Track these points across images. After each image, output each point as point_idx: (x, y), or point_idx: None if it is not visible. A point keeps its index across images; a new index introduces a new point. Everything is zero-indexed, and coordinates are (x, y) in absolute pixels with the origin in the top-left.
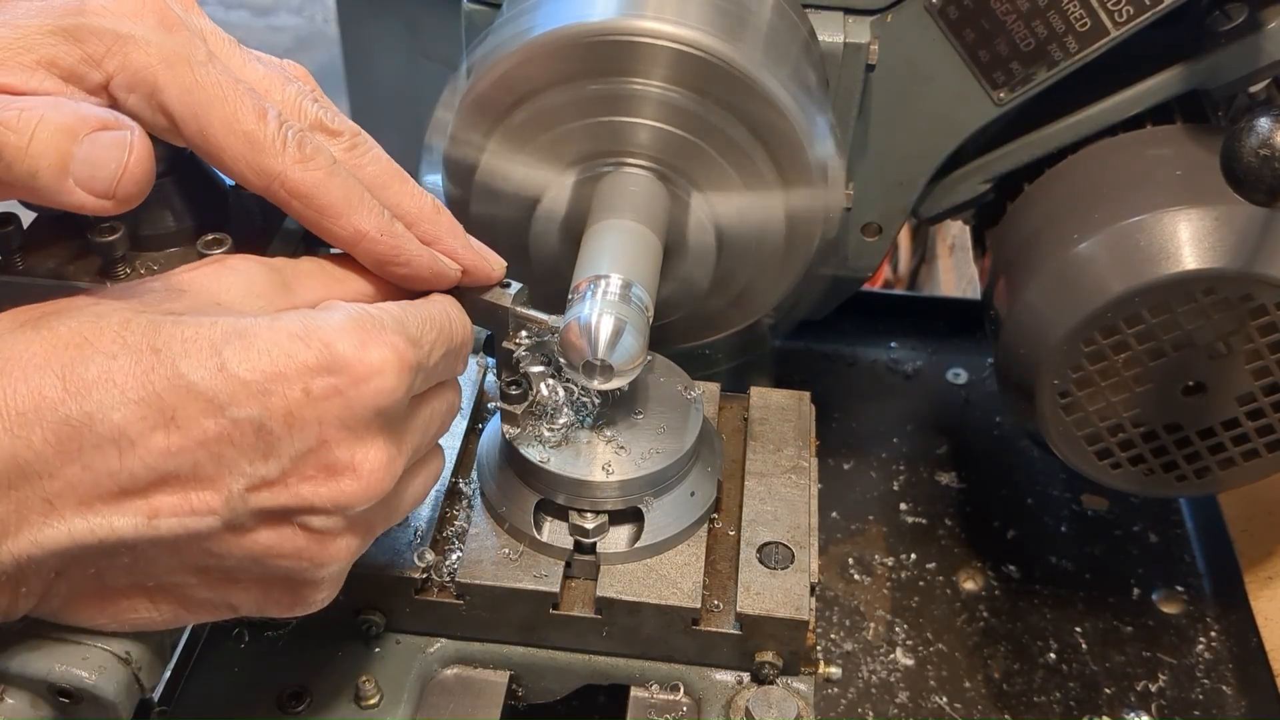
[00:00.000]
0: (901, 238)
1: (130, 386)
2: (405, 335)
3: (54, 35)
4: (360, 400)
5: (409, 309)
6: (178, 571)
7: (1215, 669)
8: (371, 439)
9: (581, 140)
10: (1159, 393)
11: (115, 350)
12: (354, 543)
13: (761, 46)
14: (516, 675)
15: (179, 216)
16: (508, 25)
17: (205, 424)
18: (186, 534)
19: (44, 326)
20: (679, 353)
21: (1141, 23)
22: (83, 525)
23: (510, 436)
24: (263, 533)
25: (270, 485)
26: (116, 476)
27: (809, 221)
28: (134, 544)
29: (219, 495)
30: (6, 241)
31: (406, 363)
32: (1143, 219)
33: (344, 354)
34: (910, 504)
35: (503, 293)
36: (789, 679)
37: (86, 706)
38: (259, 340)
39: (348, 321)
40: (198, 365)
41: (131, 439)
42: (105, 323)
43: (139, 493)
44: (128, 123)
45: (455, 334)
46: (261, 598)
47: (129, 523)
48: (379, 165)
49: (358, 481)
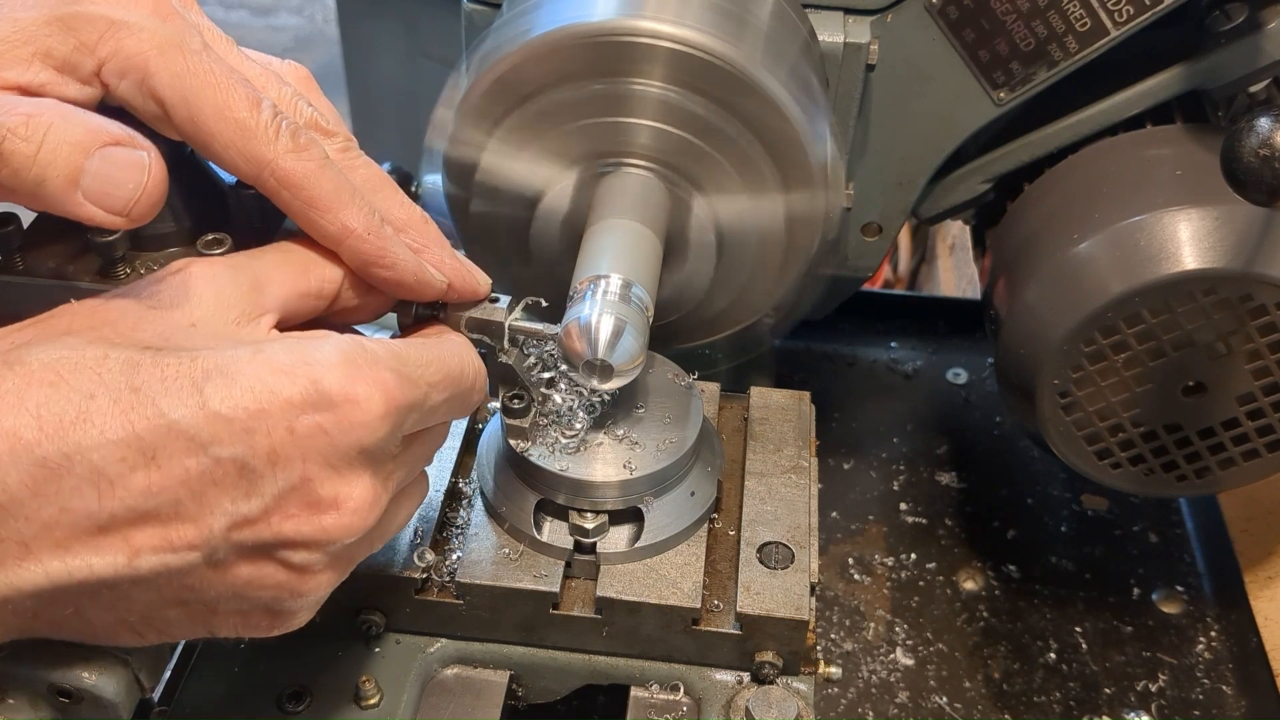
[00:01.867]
0: (901, 238)
1: (109, 426)
2: (398, 372)
3: (49, 26)
4: (345, 439)
5: (412, 346)
6: (157, 606)
7: (1215, 669)
8: (356, 476)
9: (582, 140)
10: (1159, 393)
11: (92, 389)
12: (334, 575)
13: (761, 46)
14: (516, 675)
15: (179, 216)
16: (508, 25)
17: (187, 463)
18: (167, 571)
19: (15, 362)
20: (679, 353)
21: (1141, 23)
22: (59, 566)
23: (522, 450)
24: (243, 567)
25: (252, 523)
26: (95, 517)
27: (809, 222)
28: (114, 583)
29: (200, 533)
30: (6, 241)
31: (395, 402)
32: (1143, 219)
33: (330, 391)
34: (910, 504)
35: (494, 308)
36: (789, 679)
37: (86, 706)
38: (242, 376)
39: (336, 355)
40: (179, 404)
41: (110, 480)
42: (79, 357)
43: (118, 531)
44: (143, 141)
45: (465, 378)
46: (241, 624)
47: (108, 562)
48: (370, 170)
49: (340, 519)
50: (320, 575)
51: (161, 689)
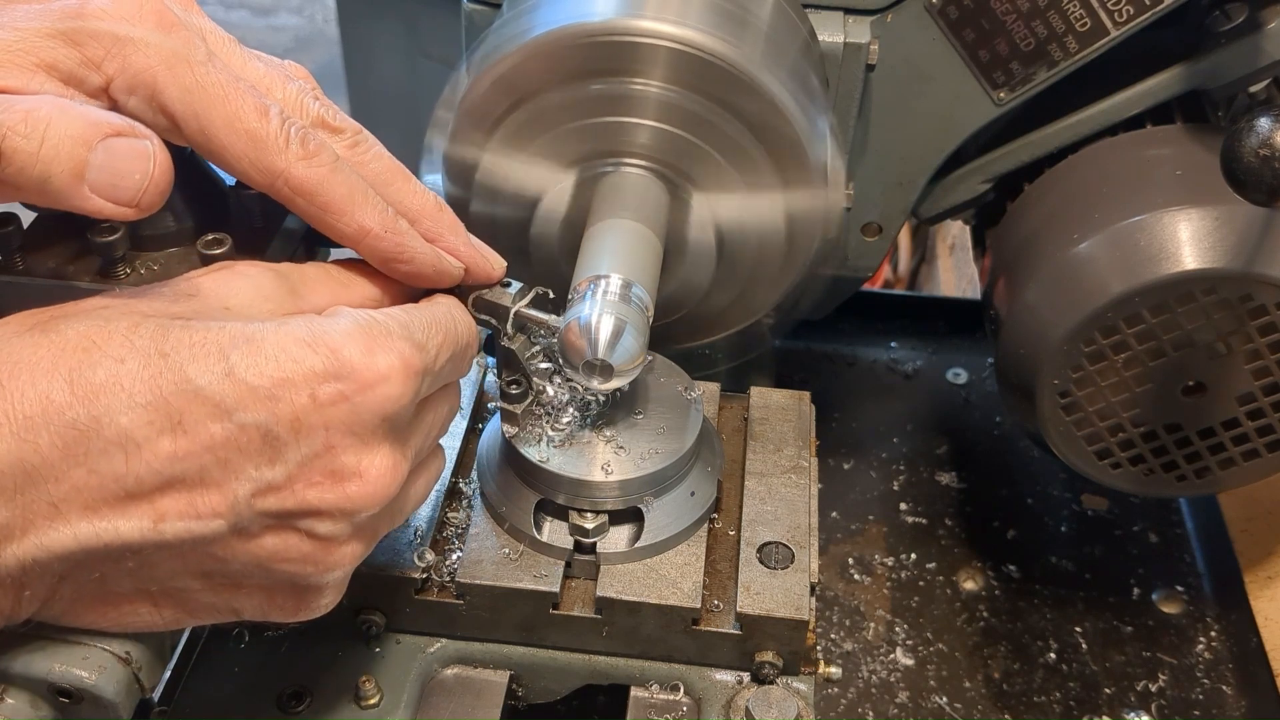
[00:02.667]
0: (901, 238)
1: (137, 391)
2: (411, 341)
3: (53, 38)
4: (367, 406)
5: (414, 313)
6: (181, 576)
7: (1215, 669)
8: (377, 445)
9: (582, 140)
10: (1159, 393)
11: (123, 354)
12: (358, 548)
13: (761, 46)
14: (516, 675)
15: (179, 216)
16: (508, 25)
17: (212, 429)
18: (192, 538)
19: (51, 330)
20: (679, 353)
21: (1141, 23)
22: (88, 529)
23: (510, 435)
24: (268, 538)
25: (276, 490)
26: (123, 480)
27: (809, 222)
28: (139, 548)
29: (225, 499)
30: (6, 241)
31: (412, 368)
32: (1143, 219)
33: (351, 360)
34: (910, 504)
35: (504, 292)
36: (789, 679)
37: (86, 706)
38: (267, 345)
39: (354, 327)
40: (205, 370)
41: (138, 443)
42: (113, 326)
43: (145, 497)
44: (144, 130)
45: (460, 336)
46: (265, 603)
47: (134, 526)
48: (381, 162)
49: (364, 487)
50: (345, 547)
51: (161, 689)
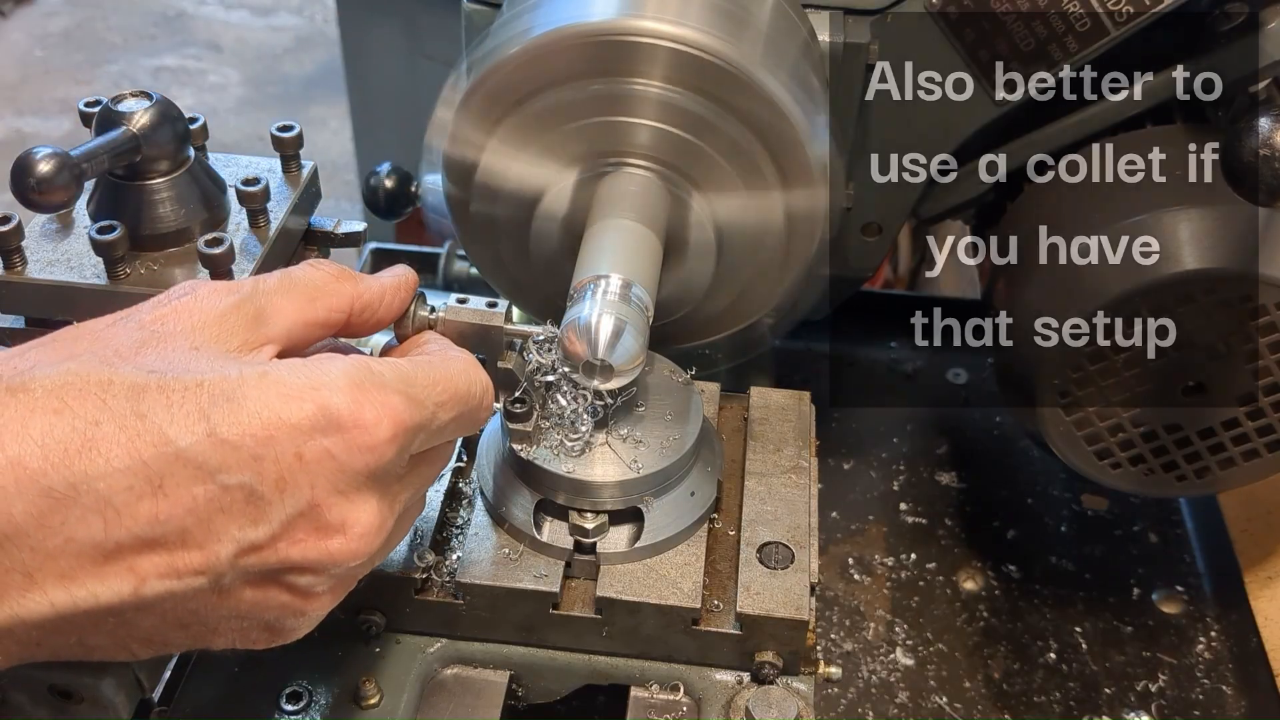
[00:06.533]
0: (901, 238)
1: (115, 455)
2: (407, 395)
3: None
4: (352, 463)
5: (420, 366)
6: (159, 630)
7: (1215, 669)
8: (363, 500)
9: (582, 140)
10: (1159, 393)
11: (97, 416)
12: (336, 596)
13: (761, 46)
14: (516, 675)
15: (179, 217)
16: (508, 25)
17: (195, 491)
18: (171, 597)
19: (20, 389)
20: (679, 353)
21: (1141, 23)
22: (64, 596)
23: (528, 456)
24: (248, 592)
25: (259, 549)
26: (101, 546)
27: (809, 221)
28: (118, 610)
29: (206, 559)
30: (6, 241)
31: (403, 425)
32: (1143, 219)
33: (338, 414)
34: (910, 504)
35: (492, 314)
36: (789, 679)
37: (86, 707)
38: (248, 401)
39: (343, 379)
40: (185, 431)
41: (117, 509)
42: (85, 383)
43: (123, 559)
44: None
45: (473, 395)
46: (239, 639)
47: (113, 590)
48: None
49: (348, 544)
50: (323, 597)
51: (161, 689)
